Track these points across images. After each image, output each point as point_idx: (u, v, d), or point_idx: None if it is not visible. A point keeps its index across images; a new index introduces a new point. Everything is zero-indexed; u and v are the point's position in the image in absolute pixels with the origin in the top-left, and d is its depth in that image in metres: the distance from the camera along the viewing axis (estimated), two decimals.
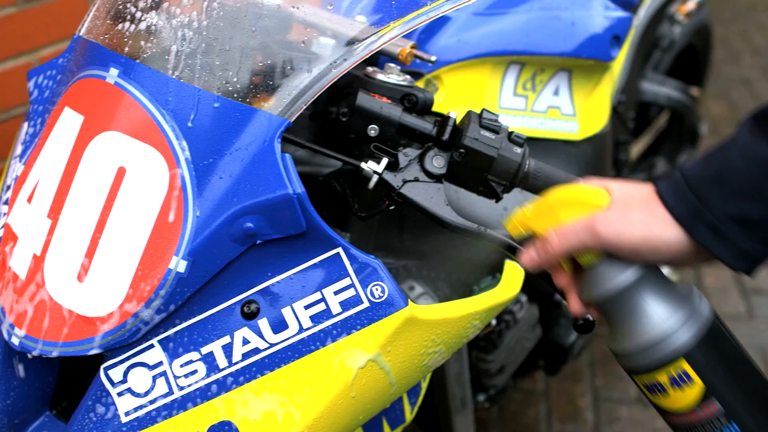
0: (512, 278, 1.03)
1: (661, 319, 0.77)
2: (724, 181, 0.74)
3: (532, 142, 1.29)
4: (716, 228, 0.74)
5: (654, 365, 0.77)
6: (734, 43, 4.29)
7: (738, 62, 4.09)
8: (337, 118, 0.97)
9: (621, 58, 1.72)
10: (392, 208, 0.96)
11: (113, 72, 0.91)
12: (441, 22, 1.21)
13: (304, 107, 0.88)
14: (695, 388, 0.76)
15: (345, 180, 1.04)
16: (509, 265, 1.06)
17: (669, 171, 2.22)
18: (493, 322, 1.32)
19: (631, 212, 0.77)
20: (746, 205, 0.73)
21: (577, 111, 1.33)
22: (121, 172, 0.88)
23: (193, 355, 0.88)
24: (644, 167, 2.09)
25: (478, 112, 0.95)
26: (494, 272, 1.15)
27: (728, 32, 4.41)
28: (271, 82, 0.89)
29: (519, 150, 0.93)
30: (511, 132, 0.94)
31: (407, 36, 1.00)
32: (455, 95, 1.21)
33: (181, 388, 0.87)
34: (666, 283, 0.80)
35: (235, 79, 0.88)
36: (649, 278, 0.79)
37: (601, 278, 0.79)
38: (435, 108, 1.15)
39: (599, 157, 1.41)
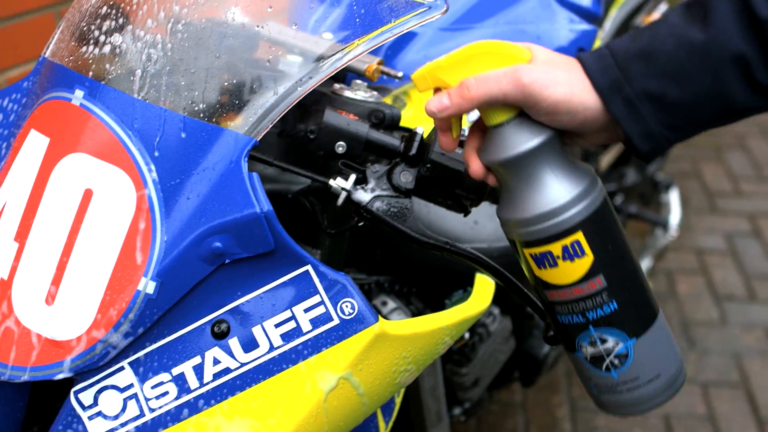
0: (483, 292, 1.04)
1: (564, 188, 0.76)
2: (648, 57, 0.74)
3: None
4: (632, 102, 0.74)
5: (552, 235, 0.76)
6: None
7: None
8: (305, 135, 0.97)
9: None
10: (361, 224, 0.96)
11: (78, 94, 0.91)
12: (408, 37, 1.22)
13: (271, 125, 0.88)
14: (585, 261, 0.77)
15: (314, 197, 1.04)
16: (480, 278, 1.06)
17: (639, 181, 2.24)
18: (466, 335, 1.32)
19: (556, 72, 0.75)
20: (666, 84, 0.74)
21: None
22: (88, 194, 0.88)
23: (164, 377, 0.87)
24: (614, 177, 2.12)
25: None
26: (466, 286, 1.16)
27: None
28: (237, 101, 0.89)
29: None
30: None
31: (374, 52, 1.01)
32: (423, 110, 1.22)
33: (153, 410, 0.87)
34: (567, 157, 0.78)
35: (201, 99, 0.88)
36: (555, 146, 0.77)
37: (509, 140, 0.76)
38: (404, 123, 1.16)
39: None
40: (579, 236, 0.76)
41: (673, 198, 2.64)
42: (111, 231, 0.86)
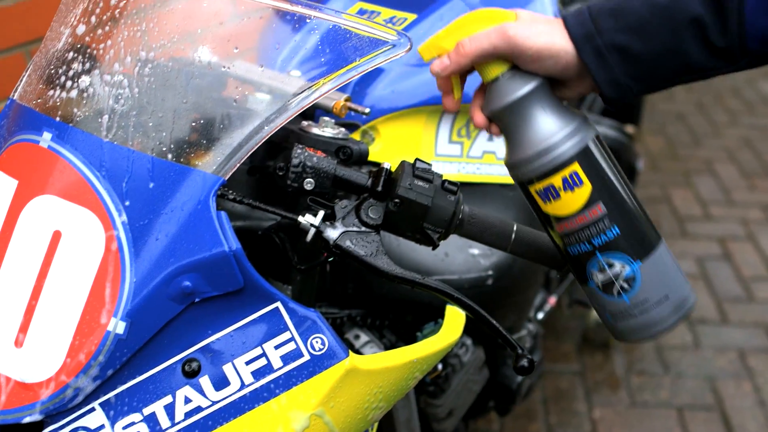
0: (453, 324, 1.04)
1: (558, 125, 0.86)
2: (618, 14, 0.84)
3: (469, 187, 1.33)
4: (601, 52, 0.84)
5: (551, 168, 0.86)
6: None
7: (672, 98, 4.22)
8: (274, 172, 0.98)
9: None
10: (331, 259, 0.97)
11: (46, 136, 0.92)
12: (375, 73, 1.24)
13: (239, 164, 0.89)
14: (584, 190, 0.86)
15: (284, 233, 1.05)
16: (450, 310, 1.07)
17: None
18: (439, 366, 1.33)
19: (538, 25, 0.87)
20: (631, 38, 0.84)
21: None
22: (56, 236, 0.88)
23: (135, 417, 0.87)
24: None
25: (414, 159, 0.97)
26: (437, 318, 1.16)
27: None
28: (205, 141, 0.90)
29: (452, 198, 0.95)
30: (445, 180, 0.96)
31: (342, 89, 1.02)
32: (392, 144, 1.24)
33: None
34: (558, 101, 0.89)
35: (169, 140, 0.89)
36: (546, 91, 0.88)
37: (504, 89, 0.87)
38: (373, 157, 1.17)
39: None
40: (576, 167, 0.86)
41: None
42: (80, 272, 0.86)
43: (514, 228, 0.98)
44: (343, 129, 1.03)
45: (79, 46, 0.95)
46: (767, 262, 2.95)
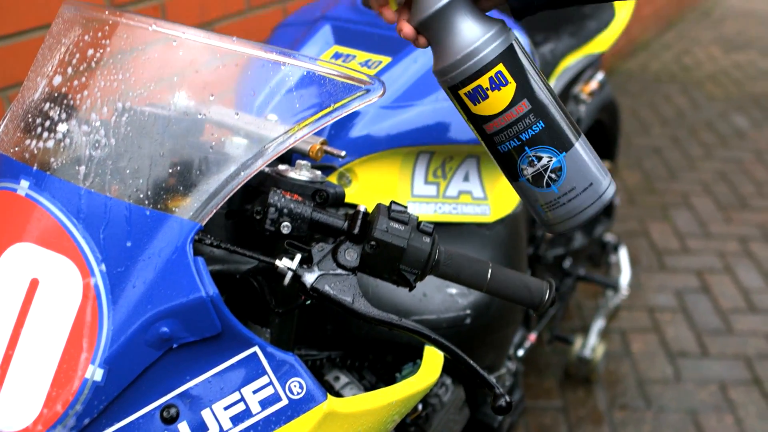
0: (431, 364, 1.05)
1: (481, 30, 0.93)
2: None
3: (446, 226, 1.34)
4: None
5: (478, 69, 0.93)
6: (643, 114, 4.49)
7: (648, 132, 4.28)
8: (252, 216, 0.99)
9: None
10: (309, 302, 0.98)
11: (24, 184, 0.92)
12: (351, 116, 1.26)
13: (216, 209, 0.90)
14: (510, 88, 0.94)
15: (262, 276, 1.05)
16: (429, 350, 1.07)
17: (586, 243, 2.29)
18: (419, 406, 1.33)
19: None
20: None
21: (488, 194, 1.38)
22: (34, 284, 0.88)
23: None
24: (562, 241, 2.16)
25: (389, 202, 0.98)
26: (416, 358, 1.17)
27: (637, 104, 4.63)
28: (182, 187, 0.91)
29: (428, 239, 0.96)
30: (420, 222, 0.97)
31: (318, 132, 1.04)
32: (369, 186, 1.25)
33: None
34: (477, 10, 0.95)
35: (145, 186, 0.90)
36: (466, 1, 0.94)
37: (429, 1, 0.93)
38: (350, 199, 1.18)
39: (513, 237, 1.45)
40: (500, 67, 0.93)
41: (623, 258, 2.69)
42: (58, 320, 0.86)
43: (490, 268, 0.99)
44: (319, 172, 1.05)
45: (56, 95, 0.96)
46: (745, 294, 2.98)
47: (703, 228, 3.40)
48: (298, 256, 0.94)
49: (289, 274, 0.93)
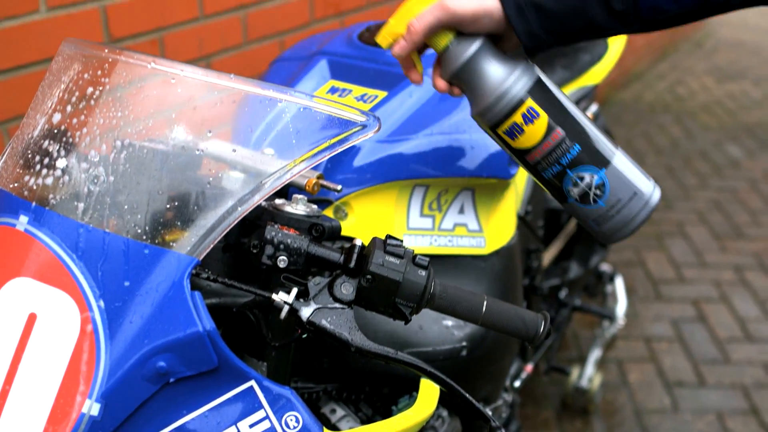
0: (428, 397, 1.05)
1: (506, 72, 1.02)
2: None
3: (441, 259, 1.35)
4: (520, 7, 1.00)
5: (510, 108, 1.02)
6: (638, 145, 4.52)
7: (643, 162, 4.31)
8: (249, 250, 1.00)
9: (524, 172, 1.81)
10: (305, 336, 0.98)
11: (23, 219, 0.93)
12: (347, 150, 1.27)
13: (213, 244, 0.90)
14: (542, 120, 1.02)
15: (258, 310, 1.06)
16: (425, 383, 1.08)
17: (582, 273, 2.30)
18: None
19: None
20: None
21: (483, 226, 1.39)
22: (32, 318, 0.89)
23: None
24: (557, 272, 2.17)
25: (385, 236, 0.99)
26: (412, 391, 1.17)
27: (631, 134, 4.66)
28: (179, 222, 0.92)
29: (423, 273, 0.97)
30: (416, 255, 0.98)
31: (314, 166, 1.05)
32: (365, 219, 1.26)
33: None
34: (501, 53, 1.04)
35: (143, 221, 0.91)
36: (489, 46, 1.03)
37: (455, 53, 1.03)
38: (346, 232, 1.19)
39: (508, 268, 1.46)
40: (530, 102, 1.02)
41: (619, 288, 2.70)
42: (55, 355, 0.87)
43: (485, 301, 1.00)
44: (315, 206, 1.06)
45: (55, 131, 0.97)
46: (741, 324, 2.98)
47: (699, 257, 3.41)
48: (295, 290, 0.95)
49: (286, 308, 0.94)
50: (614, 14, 1.00)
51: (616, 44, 2.12)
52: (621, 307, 2.64)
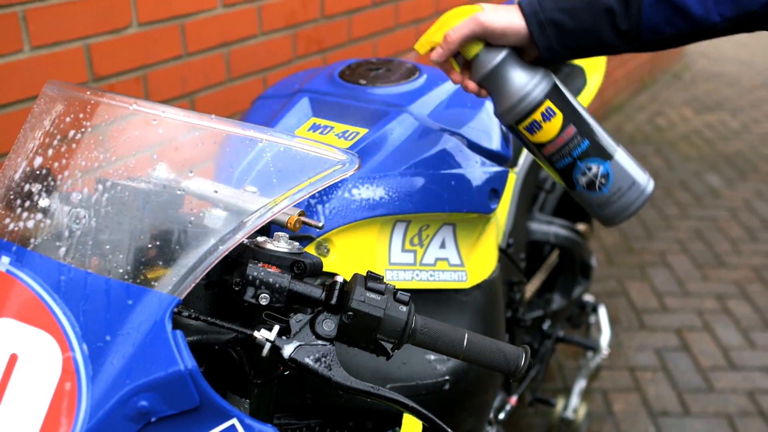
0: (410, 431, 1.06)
1: (528, 77, 1.20)
2: None
3: (423, 293, 1.36)
4: (542, 25, 1.17)
5: (531, 107, 1.20)
6: None
7: None
8: (231, 287, 1.00)
9: (505, 205, 1.83)
10: (287, 373, 0.99)
11: (5, 260, 0.93)
12: (328, 186, 1.28)
13: (194, 283, 0.91)
14: (558, 118, 1.20)
15: (241, 347, 1.06)
16: (407, 418, 1.09)
17: (565, 305, 2.31)
18: None
19: (499, 11, 1.20)
20: (563, 17, 1.17)
21: (465, 260, 1.40)
22: (13, 359, 0.89)
23: None
24: (540, 304, 2.18)
25: (366, 272, 1.00)
26: (395, 426, 1.17)
27: None
28: (161, 261, 0.93)
29: (404, 308, 0.98)
30: (397, 291, 0.99)
31: (296, 204, 1.06)
32: (347, 255, 1.27)
33: None
34: (524, 62, 1.21)
35: (125, 261, 0.92)
36: (514, 56, 1.21)
37: (484, 60, 1.21)
38: (328, 268, 1.20)
39: (490, 302, 1.47)
40: (548, 103, 1.20)
41: (602, 318, 2.71)
42: (36, 395, 0.87)
43: (466, 336, 1.01)
44: (297, 243, 1.06)
45: (37, 173, 0.98)
46: (724, 352, 3.00)
47: (681, 286, 3.44)
48: (276, 327, 0.95)
49: (268, 346, 0.94)
50: (620, 34, 1.17)
51: (595, 77, 2.16)
52: (605, 338, 2.65)
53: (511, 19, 1.18)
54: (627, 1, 1.15)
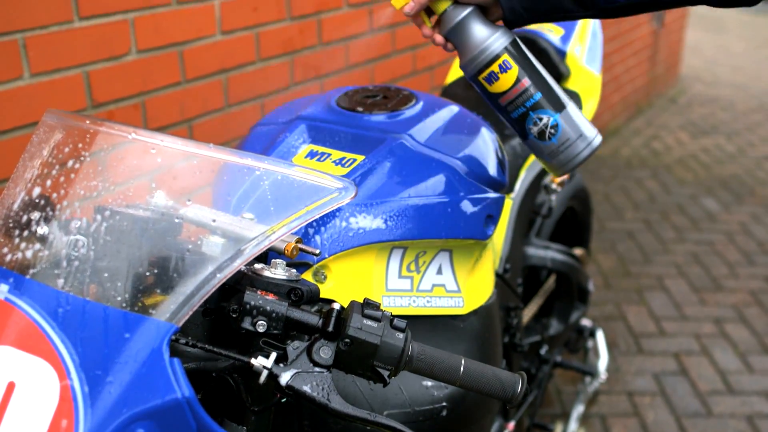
0: None
1: (489, 32, 1.31)
2: None
3: (420, 319, 1.36)
4: None
5: (490, 59, 1.31)
6: (616, 199, 4.58)
7: (621, 217, 4.36)
8: (228, 314, 1.01)
9: (502, 230, 1.83)
10: (284, 400, 0.99)
11: (3, 288, 0.94)
12: (325, 213, 1.29)
13: (192, 310, 0.91)
14: (514, 71, 1.31)
15: (239, 374, 1.06)
16: None
17: (562, 330, 2.31)
18: None
19: None
20: None
21: (461, 286, 1.41)
22: (11, 387, 0.89)
23: None
24: (538, 329, 2.18)
25: (363, 299, 1.01)
26: None
27: (609, 189, 4.73)
28: (159, 289, 0.93)
29: (401, 335, 0.98)
30: (393, 318, 0.99)
31: (293, 231, 1.07)
32: (344, 282, 1.27)
33: None
34: (486, 20, 1.32)
35: (123, 289, 0.92)
36: (478, 13, 1.32)
37: (452, 15, 1.32)
38: (325, 294, 1.21)
39: (487, 327, 1.48)
40: (505, 56, 1.31)
41: (600, 342, 2.71)
42: (34, 423, 0.87)
43: (463, 362, 1.01)
44: (294, 270, 1.07)
45: (36, 201, 0.98)
46: (723, 376, 3.00)
47: (679, 310, 3.44)
48: (274, 355, 0.96)
49: (265, 373, 0.95)
50: (578, 0, 1.27)
51: (590, 103, 2.18)
52: (603, 362, 2.65)
53: None
54: None
